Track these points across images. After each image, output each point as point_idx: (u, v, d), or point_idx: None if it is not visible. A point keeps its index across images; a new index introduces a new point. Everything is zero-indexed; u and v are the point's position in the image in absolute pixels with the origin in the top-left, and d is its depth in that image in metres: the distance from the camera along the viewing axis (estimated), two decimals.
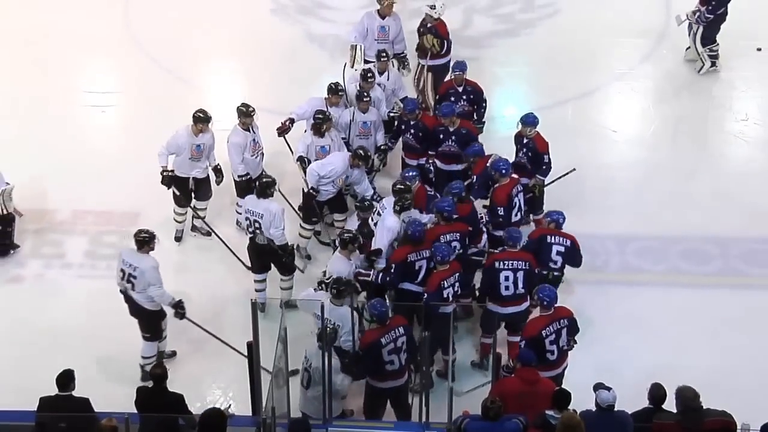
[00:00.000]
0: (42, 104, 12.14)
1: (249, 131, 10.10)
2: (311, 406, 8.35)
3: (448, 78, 11.06)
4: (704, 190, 10.99)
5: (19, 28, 13.28)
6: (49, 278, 10.18)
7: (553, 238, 9.13)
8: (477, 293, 9.33)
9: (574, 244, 9.17)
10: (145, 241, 8.83)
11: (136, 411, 7.60)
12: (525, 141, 10.10)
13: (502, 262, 8.89)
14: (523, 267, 8.87)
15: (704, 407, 7.23)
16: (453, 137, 10.27)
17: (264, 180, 9.53)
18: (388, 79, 10.95)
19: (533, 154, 10.04)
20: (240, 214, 9.87)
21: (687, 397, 7.20)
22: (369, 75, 10.55)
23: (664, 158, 11.42)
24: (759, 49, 12.84)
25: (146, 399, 7.64)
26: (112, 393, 7.95)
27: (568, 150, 10.83)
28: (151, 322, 8.98)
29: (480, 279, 9.19)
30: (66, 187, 11.01)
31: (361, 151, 9.94)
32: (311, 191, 9.85)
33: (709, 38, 12.27)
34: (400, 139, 10.68)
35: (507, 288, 8.87)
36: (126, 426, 7.16)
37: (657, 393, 7.43)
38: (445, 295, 8.71)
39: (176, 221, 10.46)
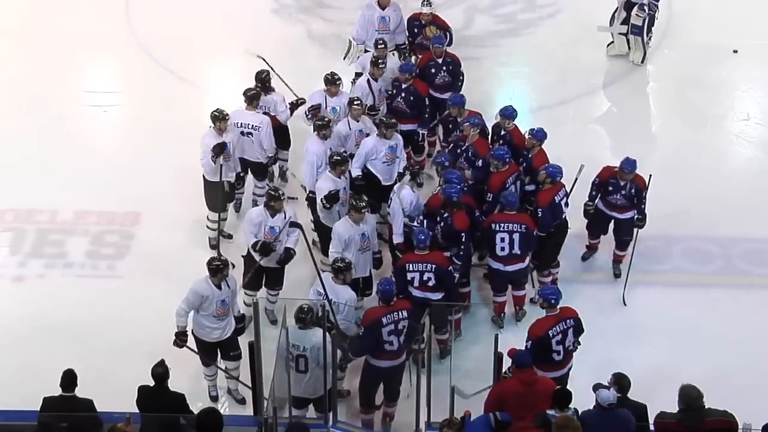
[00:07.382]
0: (43, 104, 12.14)
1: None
2: (309, 387, 8.28)
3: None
4: (705, 190, 10.99)
5: (20, 28, 13.29)
6: (51, 278, 10.17)
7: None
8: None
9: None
10: None
11: (137, 410, 7.59)
12: (503, 133, 10.13)
13: (498, 224, 9.08)
14: (519, 229, 9.05)
15: (706, 407, 7.21)
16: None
17: (251, 91, 10.14)
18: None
19: (509, 147, 10.00)
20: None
21: (690, 396, 7.17)
22: (355, 102, 10.20)
23: (664, 157, 11.41)
24: (735, 51, 12.83)
25: (148, 398, 7.64)
26: (113, 392, 7.92)
27: (569, 149, 10.79)
28: None
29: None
30: (67, 187, 11.02)
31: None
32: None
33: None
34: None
35: (503, 249, 9.07)
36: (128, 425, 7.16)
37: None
38: (409, 278, 8.79)
39: (208, 228, 10.26)
